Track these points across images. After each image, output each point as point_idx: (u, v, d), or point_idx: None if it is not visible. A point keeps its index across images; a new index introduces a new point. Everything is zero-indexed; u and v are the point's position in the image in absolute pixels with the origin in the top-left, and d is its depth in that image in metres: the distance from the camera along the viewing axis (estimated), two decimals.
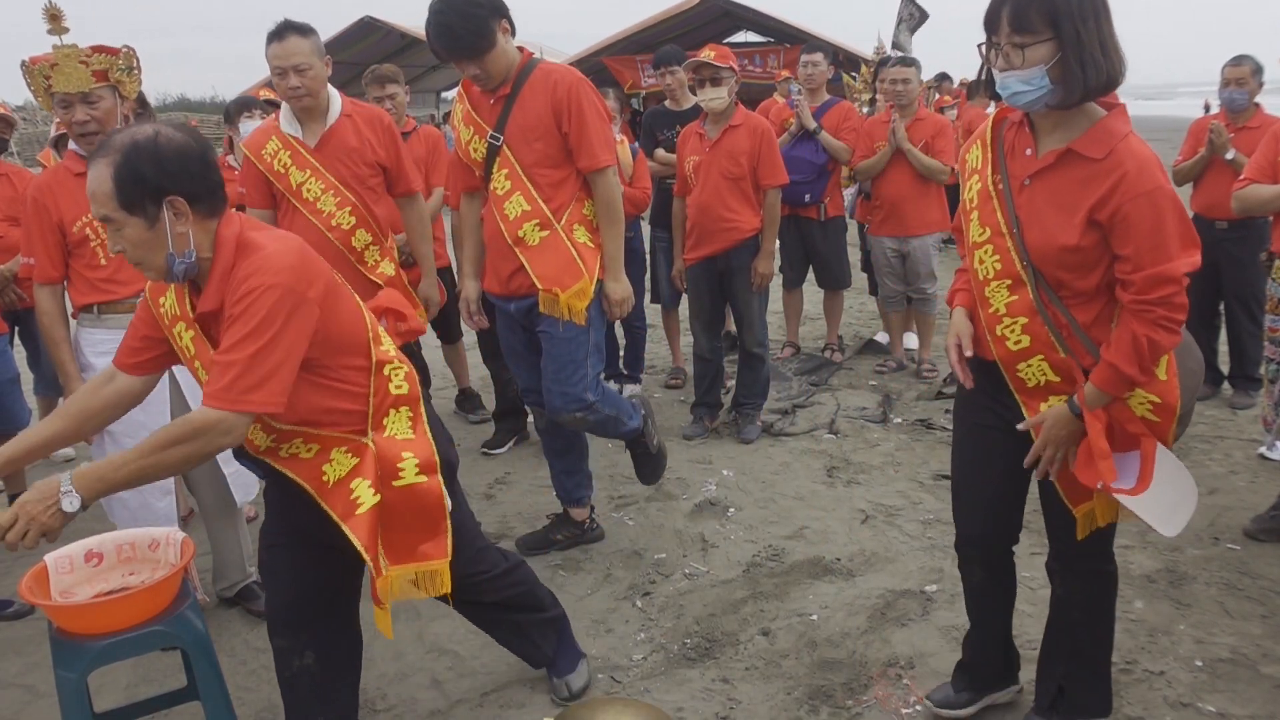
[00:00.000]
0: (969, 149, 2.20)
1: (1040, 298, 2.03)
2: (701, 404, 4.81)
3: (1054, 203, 1.97)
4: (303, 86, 3.20)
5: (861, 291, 6.98)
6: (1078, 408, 2.01)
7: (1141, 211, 1.87)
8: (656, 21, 17.88)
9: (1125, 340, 1.94)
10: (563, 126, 3.05)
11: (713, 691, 2.71)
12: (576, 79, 3.09)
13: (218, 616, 3.22)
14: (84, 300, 2.92)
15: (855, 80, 8.96)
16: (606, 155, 3.11)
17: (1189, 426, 2.14)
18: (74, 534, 2.20)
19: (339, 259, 3.20)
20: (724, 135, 4.35)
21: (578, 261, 3.11)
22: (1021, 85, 1.91)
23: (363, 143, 3.36)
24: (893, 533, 3.64)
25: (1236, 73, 4.60)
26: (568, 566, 3.45)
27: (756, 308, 4.55)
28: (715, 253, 4.45)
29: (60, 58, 2.78)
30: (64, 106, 2.83)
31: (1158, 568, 3.26)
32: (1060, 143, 1.97)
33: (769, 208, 4.46)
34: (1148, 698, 2.58)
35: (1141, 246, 1.88)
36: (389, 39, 20.79)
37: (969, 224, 2.15)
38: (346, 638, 2.43)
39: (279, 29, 3.21)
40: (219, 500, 3.18)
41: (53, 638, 2.05)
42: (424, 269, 3.69)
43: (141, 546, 2.23)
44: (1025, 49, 1.88)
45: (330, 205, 3.31)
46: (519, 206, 3.11)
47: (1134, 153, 1.90)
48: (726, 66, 4.30)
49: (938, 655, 2.81)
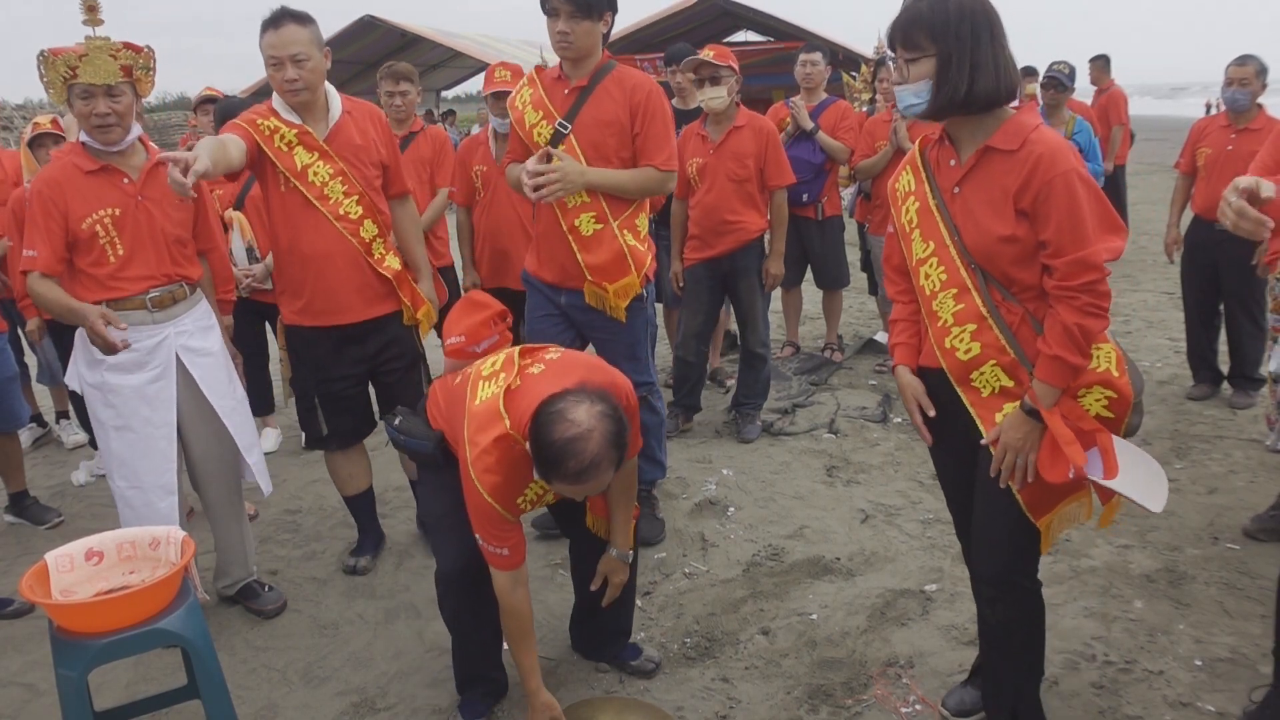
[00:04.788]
0: (897, 178, 2.29)
1: (992, 298, 2.08)
2: (680, 404, 4.80)
3: (983, 199, 2.05)
4: (300, 80, 2.98)
5: (861, 291, 6.98)
6: (1030, 406, 2.03)
7: (1057, 192, 1.93)
8: (656, 21, 17.89)
9: (1058, 331, 1.98)
10: (635, 126, 3.15)
11: (713, 691, 2.71)
12: (654, 86, 3.21)
13: (218, 615, 3.22)
14: (92, 298, 2.90)
15: (855, 80, 8.96)
16: (669, 161, 3.22)
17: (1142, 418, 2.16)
18: (74, 533, 2.21)
19: (354, 258, 3.14)
20: (728, 137, 4.35)
21: (627, 258, 3.22)
22: (913, 98, 2.05)
23: (367, 141, 3.21)
24: (892, 532, 3.64)
25: (1240, 73, 4.59)
26: (568, 565, 3.44)
27: (760, 308, 4.55)
28: (720, 254, 4.43)
29: (92, 49, 2.78)
30: (85, 97, 2.80)
31: (1157, 567, 3.26)
32: (977, 145, 2.06)
33: (776, 208, 4.45)
34: (1147, 697, 2.59)
35: (1060, 228, 1.94)
36: (389, 37, 20.77)
37: (910, 243, 2.21)
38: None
39: (275, 16, 3.00)
40: (226, 496, 3.19)
41: (53, 636, 2.05)
42: (419, 272, 3.48)
43: (142, 545, 2.24)
44: (910, 64, 2.03)
45: (338, 193, 3.11)
46: (579, 197, 3.17)
47: (1045, 140, 1.98)
48: (726, 65, 4.28)
49: (937, 654, 2.82)
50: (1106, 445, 2.05)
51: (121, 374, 2.92)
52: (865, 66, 8.94)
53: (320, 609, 3.28)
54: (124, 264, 2.90)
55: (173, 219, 2.99)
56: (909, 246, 2.22)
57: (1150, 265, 8.12)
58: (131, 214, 2.91)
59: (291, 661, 2.97)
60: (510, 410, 2.25)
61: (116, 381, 2.92)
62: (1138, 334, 6.15)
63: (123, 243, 2.89)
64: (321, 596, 3.37)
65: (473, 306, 2.79)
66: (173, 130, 19.04)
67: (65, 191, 2.84)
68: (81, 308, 2.76)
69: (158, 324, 2.97)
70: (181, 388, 3.01)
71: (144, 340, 2.94)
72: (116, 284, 2.91)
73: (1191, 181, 4.90)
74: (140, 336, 2.93)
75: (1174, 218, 5.07)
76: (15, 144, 12.92)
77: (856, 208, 5.79)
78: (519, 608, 2.41)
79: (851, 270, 5.97)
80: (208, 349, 3.08)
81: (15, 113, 19.10)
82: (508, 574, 2.38)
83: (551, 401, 2.14)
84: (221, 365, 3.13)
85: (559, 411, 2.11)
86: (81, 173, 2.88)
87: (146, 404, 2.96)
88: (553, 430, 2.09)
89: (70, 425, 5.10)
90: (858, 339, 6.38)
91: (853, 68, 10.00)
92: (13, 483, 4.09)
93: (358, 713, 2.70)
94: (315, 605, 3.31)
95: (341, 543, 3.78)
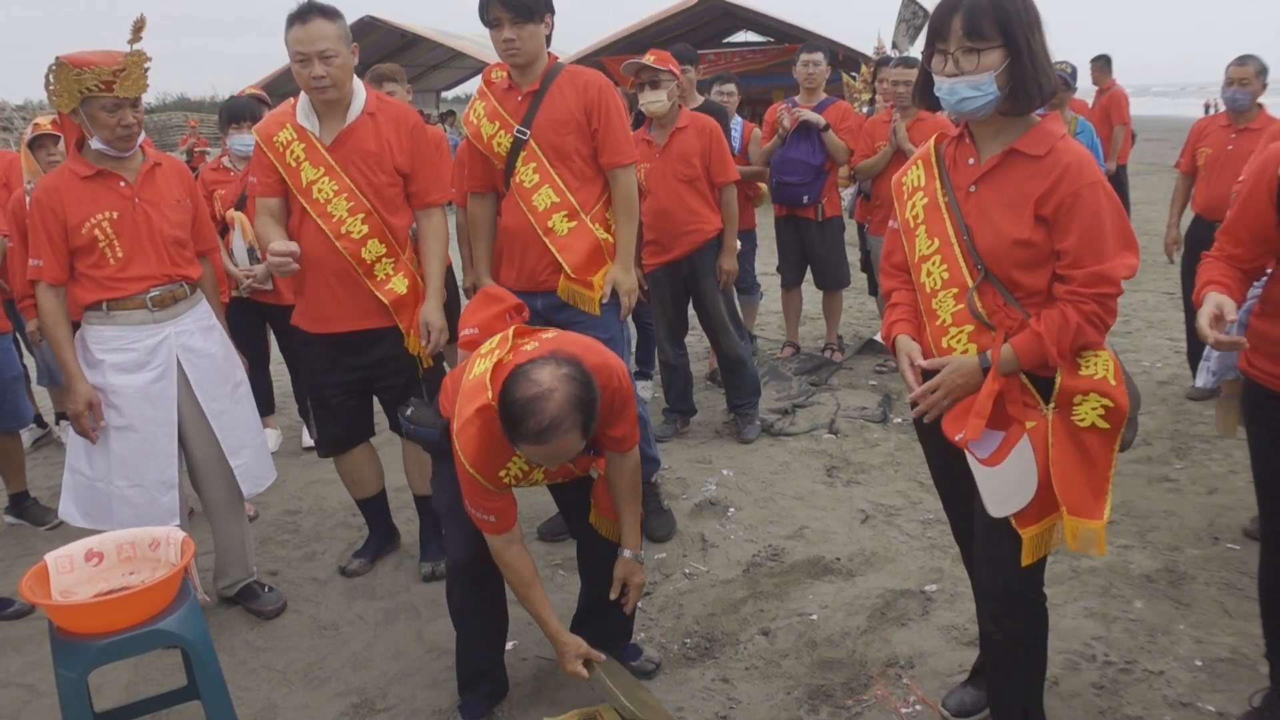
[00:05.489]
0: (906, 171, 2.24)
1: (995, 301, 2.05)
2: (674, 409, 4.79)
3: (1002, 201, 2.01)
4: (328, 76, 2.88)
5: (861, 291, 6.98)
6: (988, 363, 2.01)
7: (1083, 203, 1.91)
8: (656, 21, 17.85)
9: (1056, 317, 1.95)
10: (592, 123, 3.17)
11: (713, 691, 2.71)
12: (604, 81, 3.24)
13: (218, 616, 3.22)
14: (92, 298, 2.92)
15: (855, 80, 8.96)
16: (630, 152, 3.28)
17: (1135, 433, 2.13)
18: (75, 534, 2.21)
19: (344, 271, 3.05)
20: (672, 138, 4.35)
21: (603, 250, 3.27)
22: (971, 91, 1.94)
23: (382, 146, 3.03)
24: (892, 532, 3.64)
25: (1240, 72, 4.58)
26: (568, 566, 3.45)
27: (724, 309, 4.52)
28: (678, 258, 4.43)
29: (130, 64, 2.78)
30: (113, 109, 2.80)
31: (1157, 567, 3.26)
32: (1002, 146, 2.02)
33: (726, 205, 4.45)
34: (1147, 697, 2.58)
35: (1081, 240, 1.91)
36: (389, 37, 20.77)
37: (914, 239, 2.17)
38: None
39: (302, 10, 2.86)
40: (226, 496, 3.18)
41: (53, 637, 2.05)
42: (428, 289, 3.17)
43: (142, 546, 2.24)
44: (980, 54, 1.91)
45: (342, 210, 3.00)
46: (548, 198, 3.19)
47: (1072, 149, 1.95)
48: (666, 70, 4.26)
49: (937, 655, 2.82)
50: (1013, 438, 2.02)
51: (123, 375, 2.93)
52: (865, 66, 8.95)
53: (320, 609, 3.28)
54: (124, 265, 2.92)
55: (170, 220, 3.00)
56: (912, 242, 2.18)
57: (1150, 265, 8.11)
58: (129, 216, 2.92)
59: (291, 662, 2.97)
60: (494, 382, 2.27)
61: (119, 382, 2.93)
62: (1138, 334, 6.15)
63: (122, 245, 2.90)
64: (321, 597, 3.37)
65: (489, 300, 2.78)
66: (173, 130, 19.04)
67: (63, 198, 2.86)
68: (69, 368, 2.90)
69: (158, 323, 2.98)
70: (181, 388, 3.01)
71: (145, 339, 2.95)
72: (116, 284, 2.92)
73: (1192, 181, 4.90)
74: (141, 336, 2.94)
75: (1174, 218, 5.07)
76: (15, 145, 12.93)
77: (856, 208, 5.79)
78: (514, 563, 2.46)
79: (851, 271, 5.97)
80: (207, 349, 3.09)
81: (15, 113, 19.11)
82: (498, 536, 2.43)
83: (520, 366, 2.18)
84: (219, 367, 3.13)
85: (523, 372, 2.15)
86: (78, 178, 2.89)
87: (150, 404, 2.96)
88: (515, 389, 2.13)
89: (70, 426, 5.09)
90: (858, 339, 6.38)
91: (853, 68, 9.99)
92: (13, 483, 4.09)
93: (358, 713, 2.70)
94: (315, 606, 3.31)
95: (341, 543, 3.77)
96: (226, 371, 3.16)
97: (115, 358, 2.92)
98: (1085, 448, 2.01)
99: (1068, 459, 2.00)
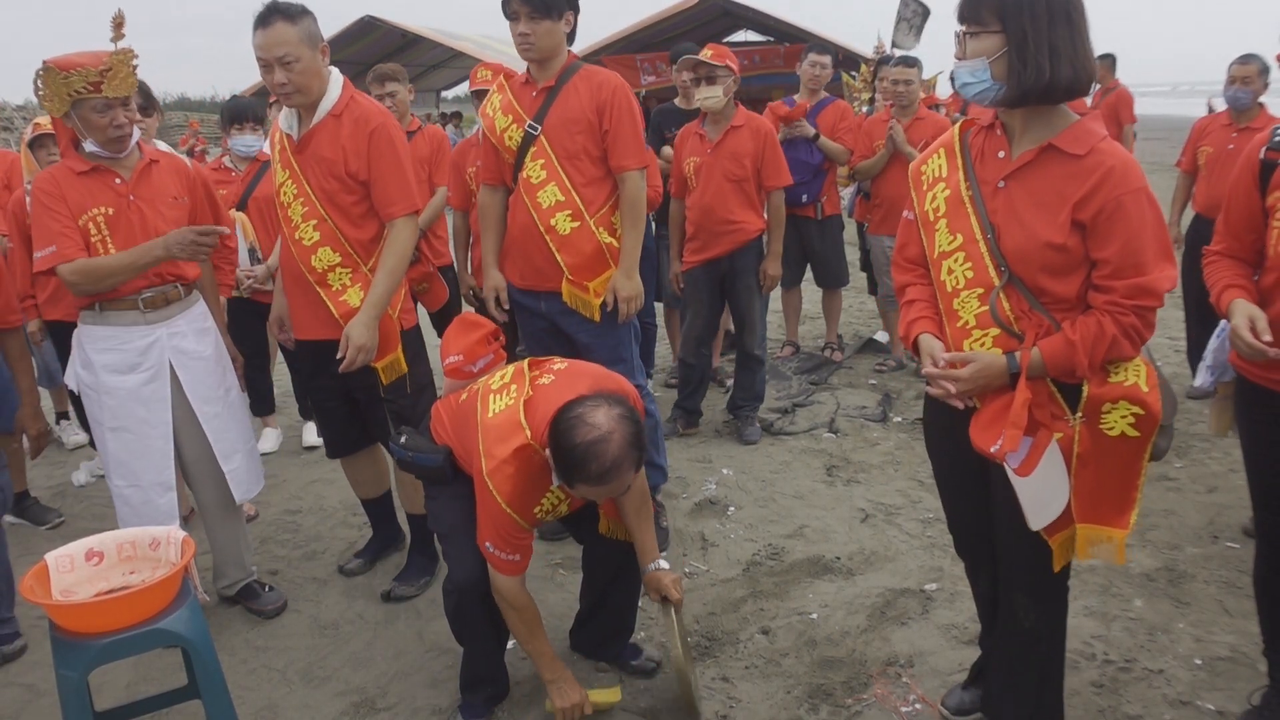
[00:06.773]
0: (927, 159, 2.13)
1: (1020, 305, 1.96)
2: (681, 407, 4.80)
3: (1034, 201, 1.91)
4: (289, 83, 2.77)
5: (861, 291, 6.98)
6: (1017, 367, 1.93)
7: (1127, 210, 1.82)
8: (656, 21, 17.87)
9: (1092, 325, 1.87)
10: (603, 124, 3.16)
11: (713, 690, 2.71)
12: (621, 83, 3.21)
13: (218, 615, 3.22)
14: (84, 298, 2.90)
15: (855, 80, 8.96)
16: (640, 157, 3.22)
17: (1170, 442, 2.05)
18: (74, 533, 2.21)
19: (297, 279, 3.01)
20: (726, 136, 4.34)
21: (605, 254, 3.24)
22: (969, 77, 1.91)
23: (336, 152, 2.88)
24: (892, 531, 3.64)
25: (1243, 71, 4.58)
26: (568, 565, 3.45)
27: (759, 310, 4.55)
28: (719, 255, 4.43)
29: (116, 63, 2.76)
30: (104, 110, 2.77)
31: (1157, 566, 3.26)
32: (1037, 141, 1.92)
33: (774, 209, 4.45)
34: (1147, 696, 2.59)
35: (1124, 249, 1.82)
36: (389, 37, 20.79)
37: (934, 234, 2.05)
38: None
39: (264, 13, 2.75)
40: (219, 498, 3.18)
41: (53, 636, 2.05)
42: (365, 302, 2.91)
43: (142, 545, 2.24)
44: (970, 39, 1.88)
45: (298, 215, 2.94)
46: (553, 196, 3.18)
47: (1116, 152, 1.86)
48: (723, 65, 4.27)
49: (937, 654, 2.82)
50: (1042, 444, 1.95)
51: (115, 375, 2.91)
52: (865, 66, 8.94)
53: (320, 609, 3.28)
54: None
55: (165, 218, 2.96)
56: (931, 237, 2.06)
57: None
58: (124, 213, 2.89)
59: (291, 661, 2.97)
60: (531, 421, 2.28)
61: (111, 383, 2.91)
62: None
63: (115, 242, 2.86)
64: (321, 596, 3.37)
65: (467, 326, 2.81)
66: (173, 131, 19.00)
67: (64, 188, 2.84)
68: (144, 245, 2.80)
69: (150, 324, 2.94)
70: (174, 389, 3.00)
71: (136, 340, 2.92)
72: None
73: (1192, 180, 4.90)
74: (132, 337, 2.92)
75: (1174, 216, 5.07)
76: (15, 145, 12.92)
77: (856, 207, 5.79)
78: (528, 605, 2.46)
79: (851, 270, 5.97)
80: (200, 352, 3.06)
81: (15, 113, 19.09)
82: (516, 578, 2.41)
83: (570, 407, 2.19)
84: (211, 369, 3.09)
85: (578, 416, 2.16)
86: (74, 174, 2.87)
87: (142, 405, 2.94)
88: (574, 434, 2.13)
89: (71, 426, 5.10)
90: (858, 338, 6.38)
91: (853, 68, 9.97)
92: (14, 483, 4.09)
93: (358, 713, 2.70)
94: (315, 605, 3.31)
95: (342, 543, 3.78)
96: (219, 375, 3.13)
97: (107, 358, 2.90)
98: (1114, 457, 1.92)
99: (1093, 469, 1.94)
